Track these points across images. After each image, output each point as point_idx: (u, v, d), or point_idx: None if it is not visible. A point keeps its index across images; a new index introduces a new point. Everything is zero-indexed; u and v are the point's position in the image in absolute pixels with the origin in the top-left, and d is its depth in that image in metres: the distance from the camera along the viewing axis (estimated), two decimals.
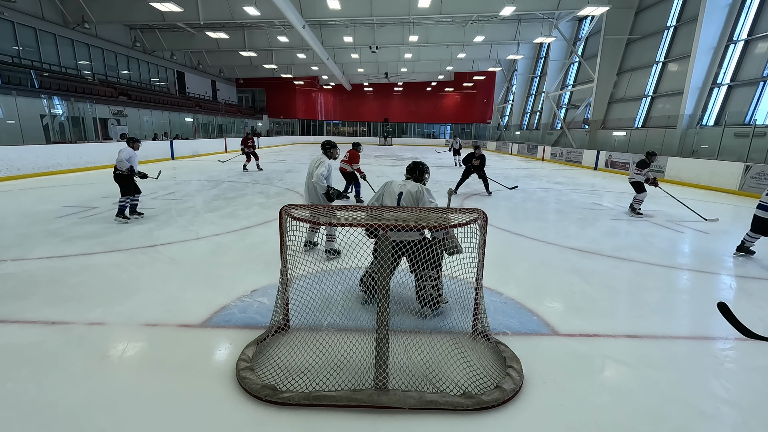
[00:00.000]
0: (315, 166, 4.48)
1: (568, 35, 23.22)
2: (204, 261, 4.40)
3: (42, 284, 3.64)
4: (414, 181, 3.34)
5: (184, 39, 25.12)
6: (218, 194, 8.75)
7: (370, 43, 24.71)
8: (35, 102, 14.70)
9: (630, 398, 2.25)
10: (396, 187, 3.27)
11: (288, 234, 2.62)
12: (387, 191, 3.31)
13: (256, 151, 14.10)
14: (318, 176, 4.36)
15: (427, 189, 3.25)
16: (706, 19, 13.40)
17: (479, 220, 2.59)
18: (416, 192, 3.17)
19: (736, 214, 7.94)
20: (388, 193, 3.29)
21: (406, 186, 3.23)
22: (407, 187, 3.21)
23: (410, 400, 2.12)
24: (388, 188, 3.32)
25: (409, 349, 2.58)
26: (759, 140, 11.27)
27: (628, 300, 3.69)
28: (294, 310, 2.87)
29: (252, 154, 13.87)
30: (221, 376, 2.35)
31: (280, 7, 16.11)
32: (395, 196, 3.23)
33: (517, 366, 2.43)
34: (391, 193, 3.26)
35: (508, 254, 4.88)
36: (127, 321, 2.98)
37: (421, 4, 16.86)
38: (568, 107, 24.46)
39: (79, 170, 12.47)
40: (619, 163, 16.16)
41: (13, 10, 16.25)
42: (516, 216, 7.17)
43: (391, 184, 3.33)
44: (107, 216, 6.35)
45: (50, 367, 2.41)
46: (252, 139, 14.00)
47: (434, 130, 44.97)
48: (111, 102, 18.79)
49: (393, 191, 3.26)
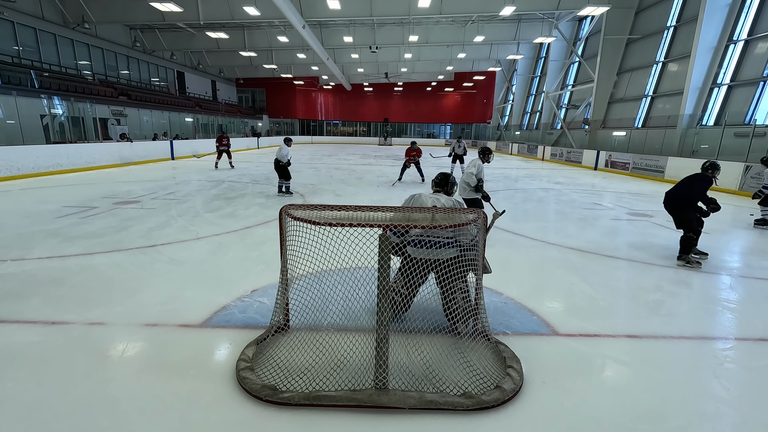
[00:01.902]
0: (469, 168, 5.28)
1: (568, 35, 23.23)
2: (204, 261, 4.40)
3: (42, 284, 3.64)
4: (445, 194, 3.24)
5: (184, 39, 25.12)
6: (218, 194, 8.75)
7: (370, 43, 24.71)
8: (35, 102, 14.70)
9: (630, 398, 2.25)
10: (428, 201, 3.08)
11: (288, 234, 2.62)
12: (417, 205, 3.08)
13: (229, 150, 14.64)
14: (468, 174, 5.26)
15: (460, 202, 3.15)
16: (706, 19, 13.40)
17: (479, 220, 2.59)
18: (451, 207, 3.04)
19: (736, 214, 7.94)
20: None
21: (440, 200, 3.11)
22: (441, 201, 3.10)
23: (410, 400, 2.12)
24: (417, 202, 3.11)
25: (409, 349, 2.58)
26: (759, 140, 11.28)
27: (628, 300, 3.69)
28: (294, 310, 2.87)
29: (225, 152, 14.45)
30: (221, 376, 2.35)
31: (280, 7, 16.12)
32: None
33: (517, 366, 2.43)
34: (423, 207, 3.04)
35: (508, 254, 4.88)
36: (127, 321, 2.98)
37: (421, 4, 16.87)
38: (568, 107, 24.47)
39: (79, 170, 12.48)
40: (619, 163, 16.16)
41: (13, 10, 16.25)
42: (516, 216, 7.17)
43: (420, 197, 3.13)
44: (107, 216, 6.35)
45: (50, 367, 2.41)
46: (227, 138, 14.66)
47: (434, 130, 44.98)
48: (111, 102, 18.80)
49: (425, 205, 3.04)
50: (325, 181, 11.61)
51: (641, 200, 9.30)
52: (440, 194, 3.23)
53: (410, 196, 3.21)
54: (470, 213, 2.63)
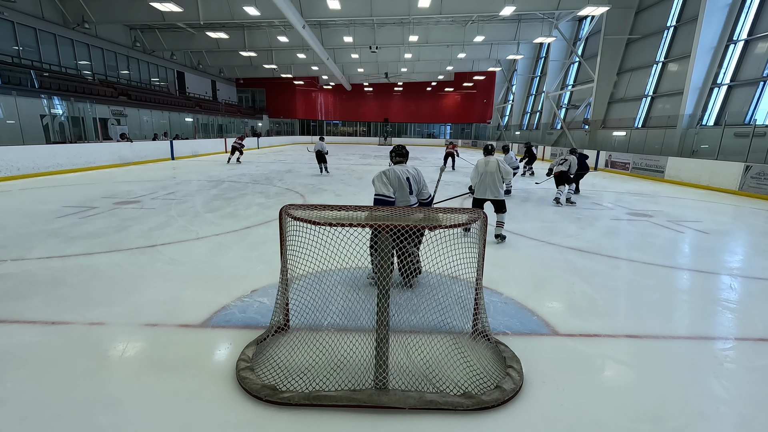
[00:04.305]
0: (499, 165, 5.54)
1: (568, 35, 23.22)
2: (204, 261, 4.40)
3: (42, 284, 3.64)
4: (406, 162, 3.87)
5: (184, 39, 25.13)
6: (218, 194, 8.75)
7: (370, 43, 24.71)
8: (35, 102, 14.70)
9: (630, 398, 2.25)
10: (401, 173, 3.61)
11: (288, 234, 2.62)
12: (394, 177, 3.60)
13: (242, 150, 17.30)
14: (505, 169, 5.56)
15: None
16: (706, 19, 13.40)
17: (479, 220, 2.59)
18: (417, 174, 3.76)
19: (736, 214, 7.94)
20: (395, 178, 3.60)
21: (409, 170, 3.69)
22: (411, 172, 3.70)
23: (410, 400, 2.12)
24: (393, 175, 3.59)
25: (409, 349, 2.58)
26: (759, 140, 11.27)
27: (628, 300, 3.69)
28: (294, 310, 2.87)
29: (239, 150, 16.84)
30: (221, 376, 2.35)
31: (280, 7, 16.12)
32: (404, 181, 3.59)
33: (517, 366, 2.43)
34: (399, 179, 3.58)
35: (508, 254, 4.88)
36: (127, 321, 2.98)
37: (421, 4, 16.86)
38: (568, 107, 24.47)
39: (79, 170, 12.48)
40: (619, 163, 16.16)
41: (13, 10, 16.25)
42: (516, 216, 7.18)
43: (394, 171, 3.63)
44: (107, 216, 6.35)
45: (50, 367, 2.41)
46: (244, 139, 17.91)
47: (434, 130, 44.97)
48: (111, 102, 18.79)
49: (401, 177, 3.59)
50: (325, 181, 11.61)
51: (641, 200, 9.31)
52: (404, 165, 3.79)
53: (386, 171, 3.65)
54: (470, 212, 2.63)
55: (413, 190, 3.68)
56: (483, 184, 5.28)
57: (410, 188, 3.63)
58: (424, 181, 3.82)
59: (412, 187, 3.65)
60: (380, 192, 3.48)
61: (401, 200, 3.59)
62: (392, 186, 3.54)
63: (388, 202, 3.46)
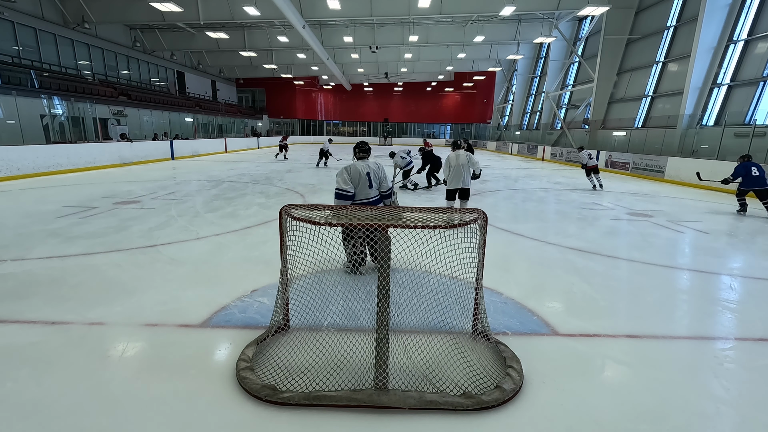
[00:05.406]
0: (468, 157, 6.00)
1: (568, 35, 23.23)
2: (204, 261, 4.40)
3: (42, 284, 3.64)
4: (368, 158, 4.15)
5: (184, 39, 25.13)
6: (218, 194, 8.75)
7: (370, 43, 24.71)
8: (35, 102, 14.70)
9: (630, 398, 2.25)
10: (362, 168, 3.95)
11: (288, 234, 2.62)
12: (354, 173, 3.93)
13: (287, 145, 19.47)
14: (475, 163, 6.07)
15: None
16: (706, 19, 13.41)
17: (479, 220, 2.59)
18: (378, 168, 4.12)
19: (737, 213, 7.94)
20: (356, 174, 3.92)
21: (370, 165, 4.04)
22: (372, 167, 4.04)
23: (410, 400, 2.12)
24: (354, 170, 3.93)
25: (409, 349, 2.58)
26: (759, 140, 11.28)
27: (628, 300, 3.69)
28: (294, 310, 2.87)
29: (285, 147, 19.19)
30: (221, 376, 2.35)
31: (280, 7, 16.12)
32: (364, 176, 3.91)
33: (517, 366, 2.43)
34: (360, 174, 3.92)
35: (508, 254, 4.87)
36: (127, 321, 2.98)
37: (421, 4, 16.87)
38: (568, 107, 24.47)
39: (79, 170, 12.48)
40: (619, 163, 16.16)
41: (13, 10, 16.26)
42: (516, 216, 7.18)
43: (356, 166, 3.96)
44: (107, 216, 6.35)
45: (50, 367, 2.41)
46: (287, 138, 20.34)
47: (434, 130, 44.97)
48: (111, 102, 18.80)
49: (361, 172, 3.93)
50: (325, 181, 11.62)
51: (641, 200, 9.31)
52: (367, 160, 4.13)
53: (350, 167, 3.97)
54: (470, 212, 2.63)
55: (373, 184, 4.03)
56: (457, 176, 5.93)
57: (370, 182, 3.98)
58: (385, 174, 4.19)
59: (372, 181, 4.00)
60: (339, 187, 3.87)
61: (362, 194, 3.96)
62: (352, 181, 3.89)
63: (346, 197, 3.84)
